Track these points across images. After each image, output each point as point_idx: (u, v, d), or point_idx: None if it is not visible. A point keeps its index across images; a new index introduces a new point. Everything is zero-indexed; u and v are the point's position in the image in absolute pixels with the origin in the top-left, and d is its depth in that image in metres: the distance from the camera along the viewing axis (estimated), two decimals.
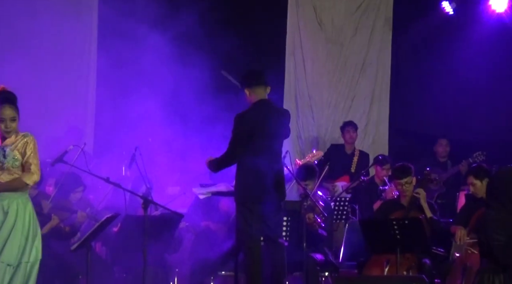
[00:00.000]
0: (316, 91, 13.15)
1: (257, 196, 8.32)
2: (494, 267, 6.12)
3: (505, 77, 12.74)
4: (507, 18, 12.41)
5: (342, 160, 12.17)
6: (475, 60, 12.65)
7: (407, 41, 13.36)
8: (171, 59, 10.71)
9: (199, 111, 10.48)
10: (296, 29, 13.07)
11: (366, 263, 9.20)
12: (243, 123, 8.40)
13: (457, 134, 12.82)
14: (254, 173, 8.31)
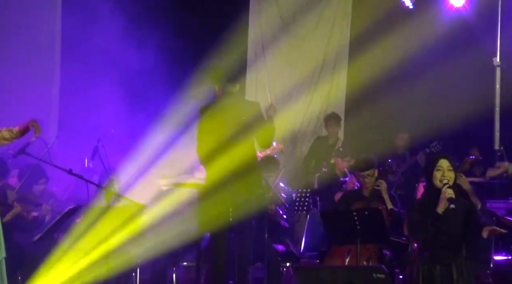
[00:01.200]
0: (277, 84, 13.12)
1: (224, 187, 8.29)
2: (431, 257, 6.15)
3: (461, 70, 12.78)
4: (464, 12, 12.44)
5: (324, 151, 12.15)
6: (433, 53, 12.69)
7: (366, 34, 13.35)
8: (135, 51, 10.63)
9: (161, 103, 10.40)
10: (258, 22, 13.04)
11: (327, 254, 9.18)
12: (205, 114, 8.40)
13: (415, 126, 12.85)
14: (218, 164, 8.28)
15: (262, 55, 13.09)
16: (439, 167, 6.27)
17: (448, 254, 6.16)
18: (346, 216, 8.79)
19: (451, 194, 6.15)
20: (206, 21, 11.47)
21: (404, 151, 12.36)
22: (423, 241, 6.11)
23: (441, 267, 6.13)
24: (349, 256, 8.84)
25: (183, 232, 9.34)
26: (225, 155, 8.31)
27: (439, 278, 6.12)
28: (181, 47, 10.70)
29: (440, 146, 11.55)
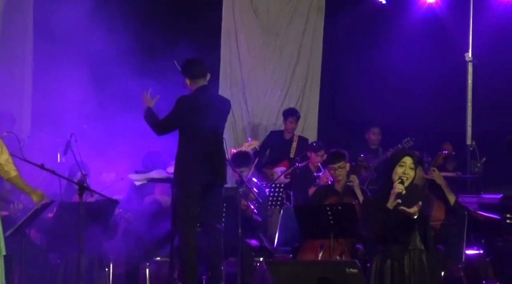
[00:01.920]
0: (251, 79, 13.10)
1: (197, 182, 8.28)
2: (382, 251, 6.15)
3: (434, 66, 12.80)
4: (437, 8, 12.45)
5: (281, 146, 12.10)
6: (406, 48, 12.72)
7: (339, 29, 13.36)
8: (107, 46, 10.53)
9: (134, 98, 10.30)
10: (231, 17, 12.99)
11: (300, 248, 9.16)
12: (184, 105, 8.39)
13: (388, 121, 12.86)
14: (194, 159, 8.28)
15: (236, 50, 13.03)
16: (402, 163, 6.26)
17: (400, 248, 6.15)
18: (319, 210, 8.78)
19: (400, 189, 6.15)
20: (178, 12, 11.34)
21: (377, 146, 12.35)
22: (375, 235, 6.10)
23: (392, 261, 6.13)
24: (322, 250, 8.82)
25: (156, 228, 9.33)
26: (198, 148, 8.29)
27: (390, 273, 6.11)
28: (153, 37, 10.57)
29: (413, 142, 11.55)
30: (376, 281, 6.12)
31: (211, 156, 8.35)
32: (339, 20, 13.28)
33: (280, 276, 7.44)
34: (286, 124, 12.23)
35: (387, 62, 12.83)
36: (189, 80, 8.51)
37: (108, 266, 9.18)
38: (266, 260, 8.62)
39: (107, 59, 10.69)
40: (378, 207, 6.14)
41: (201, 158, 8.29)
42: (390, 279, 6.11)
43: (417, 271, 6.19)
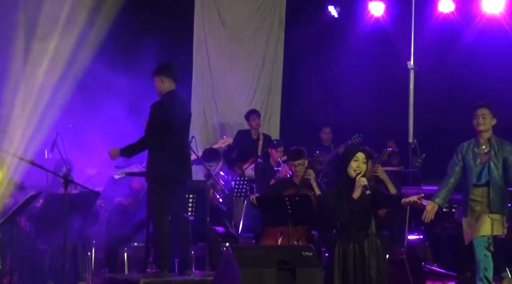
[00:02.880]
0: (220, 83, 13.05)
1: (167, 176, 8.24)
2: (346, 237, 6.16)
3: (380, 72, 12.86)
4: (383, 22, 12.50)
5: (249, 144, 12.07)
6: (356, 57, 12.76)
7: (298, 39, 13.38)
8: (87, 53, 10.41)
9: (112, 102, 10.23)
10: (202, 28, 12.94)
11: (262, 235, 9.16)
12: (159, 111, 8.31)
13: (339, 121, 12.90)
14: (165, 156, 8.23)
15: (206, 57, 12.98)
16: (356, 158, 6.28)
17: (361, 234, 6.19)
18: (279, 201, 8.78)
19: (365, 181, 6.18)
20: (154, 28, 11.24)
21: (329, 143, 12.39)
22: (340, 223, 6.11)
23: (354, 245, 6.15)
24: (281, 236, 8.82)
25: (133, 216, 9.29)
26: (170, 146, 8.26)
27: (352, 255, 6.14)
28: (132, 52, 10.46)
29: (360, 138, 11.58)
30: (340, 263, 6.12)
31: (179, 153, 8.32)
32: (298, 32, 13.29)
33: (243, 259, 7.40)
34: (250, 123, 12.17)
35: (339, 69, 12.87)
36: (163, 78, 8.39)
37: (90, 251, 9.12)
38: (231, 245, 8.62)
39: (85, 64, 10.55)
40: (339, 198, 6.15)
41: (170, 155, 8.24)
42: (352, 261, 6.11)
43: (375, 253, 6.21)
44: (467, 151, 8.11)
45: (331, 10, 12.63)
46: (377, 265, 6.20)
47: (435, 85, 11.82)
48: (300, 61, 13.47)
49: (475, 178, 8.02)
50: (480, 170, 8.04)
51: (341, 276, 6.09)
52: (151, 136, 8.30)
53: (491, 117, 8.16)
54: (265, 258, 7.48)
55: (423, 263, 9.09)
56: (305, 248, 7.73)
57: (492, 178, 8.00)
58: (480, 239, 8.04)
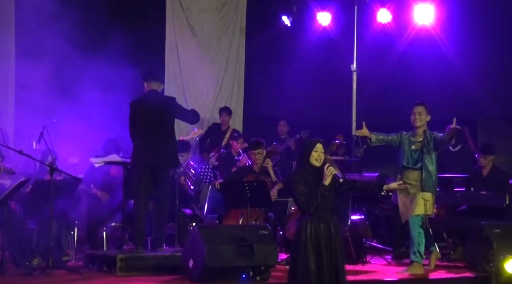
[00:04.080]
0: (190, 83, 12.94)
1: (147, 164, 8.13)
2: (317, 218, 6.11)
3: (328, 74, 12.85)
4: (330, 30, 12.46)
5: (217, 136, 11.96)
6: (306, 61, 12.72)
7: (257, 44, 13.33)
8: (72, 54, 10.21)
9: (94, 100, 10.04)
10: (173, 34, 12.83)
11: (224, 216, 9.11)
12: (133, 107, 8.23)
13: (292, 116, 12.87)
14: (145, 147, 8.13)
15: (177, 60, 12.87)
16: (316, 149, 6.22)
17: (329, 214, 6.15)
18: (239, 186, 8.73)
19: (334, 171, 6.15)
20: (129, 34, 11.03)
21: (285, 135, 12.33)
22: (313, 207, 6.07)
23: (323, 225, 6.11)
24: (242, 217, 8.75)
25: (111, 200, 9.16)
26: (151, 138, 8.14)
27: (323, 234, 6.10)
28: (111, 56, 10.25)
29: (308, 133, 11.54)
30: (313, 241, 6.06)
31: (158, 144, 8.19)
32: (257, 38, 13.25)
33: (208, 237, 7.34)
34: (221, 118, 12.14)
35: (292, 71, 12.81)
36: (146, 83, 8.36)
37: (73, 230, 8.98)
38: (198, 225, 8.52)
39: (67, 63, 10.33)
40: (308, 184, 6.10)
41: (148, 146, 8.13)
42: (323, 239, 6.08)
43: (338, 230, 6.22)
44: (405, 137, 8.27)
45: (284, 20, 12.57)
46: (340, 239, 6.19)
47: (374, 85, 11.81)
48: (259, 63, 13.42)
49: (409, 161, 8.17)
50: (415, 156, 8.12)
51: (315, 252, 6.04)
52: (132, 129, 8.25)
53: (426, 114, 8.28)
54: (227, 236, 7.45)
55: (364, 240, 9.07)
56: (262, 228, 7.70)
57: (424, 162, 8.15)
58: (415, 218, 8.10)
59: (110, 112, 9.61)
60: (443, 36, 11.86)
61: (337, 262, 6.12)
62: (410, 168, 8.20)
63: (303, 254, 6.08)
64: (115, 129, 8.39)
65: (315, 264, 6.06)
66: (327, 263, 6.08)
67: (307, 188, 6.11)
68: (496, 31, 11.78)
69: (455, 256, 9.30)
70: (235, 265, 7.32)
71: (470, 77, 11.81)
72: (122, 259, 7.69)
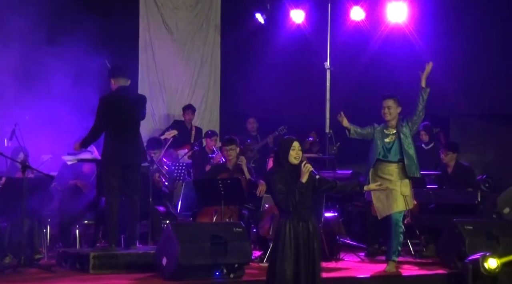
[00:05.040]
0: (166, 80, 12.90)
1: (118, 162, 8.08)
2: (296, 216, 6.12)
3: (301, 71, 12.88)
4: (303, 28, 12.49)
5: (184, 133, 11.90)
6: (280, 58, 12.74)
7: (232, 42, 13.32)
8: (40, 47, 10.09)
9: (67, 94, 9.94)
10: (147, 31, 12.79)
11: (198, 213, 9.06)
12: (105, 103, 8.12)
13: (267, 113, 12.87)
14: (116, 144, 8.06)
15: (152, 57, 12.82)
16: (293, 147, 6.21)
17: (307, 212, 6.16)
18: (213, 183, 8.70)
19: (311, 168, 6.16)
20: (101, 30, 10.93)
21: (255, 133, 12.35)
22: (292, 205, 6.07)
23: (302, 223, 6.12)
24: (216, 215, 8.73)
25: (84, 197, 9.09)
26: (124, 135, 8.09)
27: (302, 232, 6.11)
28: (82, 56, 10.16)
29: (286, 129, 11.54)
30: (292, 240, 6.07)
31: (129, 141, 8.13)
32: (232, 35, 13.24)
33: (182, 235, 7.32)
34: (185, 116, 12.11)
35: (267, 68, 12.82)
36: (113, 80, 8.25)
37: (45, 228, 8.86)
38: (171, 223, 8.51)
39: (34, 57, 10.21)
40: (286, 182, 6.10)
41: (120, 143, 8.07)
42: (302, 237, 6.08)
43: (316, 228, 6.24)
44: (378, 130, 8.15)
45: (258, 17, 12.59)
46: (317, 237, 6.20)
47: (348, 83, 11.85)
48: (235, 60, 13.42)
49: (383, 154, 8.06)
50: (390, 148, 8.05)
51: (293, 251, 6.05)
52: (98, 126, 8.13)
53: (395, 106, 8.15)
54: (200, 233, 7.43)
55: (337, 237, 9.09)
56: (236, 225, 7.69)
57: (404, 149, 8.03)
58: (398, 215, 8.03)
59: (81, 109, 9.47)
60: (416, 34, 11.94)
61: (314, 262, 6.13)
62: (384, 161, 8.08)
63: (281, 255, 6.08)
64: (89, 125, 8.30)
65: (292, 267, 6.05)
66: (304, 263, 6.07)
67: (285, 187, 6.11)
68: (468, 29, 11.89)
69: (427, 253, 9.36)
70: (208, 263, 7.30)
71: (443, 75, 11.87)
72: (95, 257, 7.64)
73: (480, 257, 7.67)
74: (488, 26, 11.73)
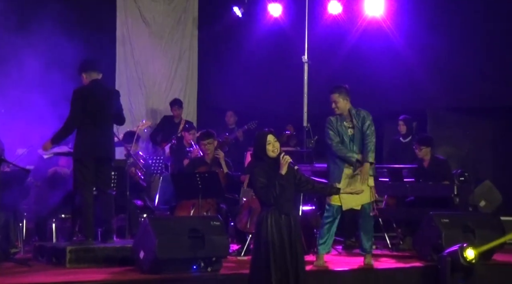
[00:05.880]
0: (144, 74, 12.86)
1: (91, 156, 8.03)
2: (278, 209, 6.13)
3: (279, 65, 12.87)
4: (281, 22, 12.50)
5: (171, 128, 11.90)
6: (258, 52, 12.74)
7: (210, 35, 13.30)
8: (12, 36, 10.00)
9: (40, 84, 9.86)
10: (125, 25, 12.74)
11: (176, 207, 9.06)
12: (79, 96, 8.07)
13: (245, 107, 12.87)
14: (89, 137, 8.01)
15: (130, 50, 12.77)
16: (268, 141, 6.21)
17: (289, 205, 6.18)
18: (191, 177, 8.71)
19: (289, 159, 6.16)
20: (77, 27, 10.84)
21: (233, 126, 12.35)
22: (273, 198, 6.06)
23: (284, 216, 6.12)
24: (193, 208, 8.73)
25: (60, 191, 9.04)
26: (98, 129, 8.05)
27: (284, 226, 6.11)
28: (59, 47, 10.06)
29: (256, 124, 11.55)
30: (275, 233, 6.07)
31: (102, 134, 8.10)
32: (210, 28, 13.22)
33: (159, 229, 7.30)
34: (172, 111, 12.08)
35: (244, 62, 12.83)
36: (84, 74, 8.20)
37: (21, 222, 8.83)
38: (149, 217, 8.49)
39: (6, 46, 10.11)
40: (267, 175, 6.10)
41: (92, 136, 8.04)
42: (285, 230, 6.08)
43: (298, 222, 6.25)
44: (339, 125, 8.05)
45: (236, 11, 12.57)
46: (299, 231, 6.22)
47: (325, 77, 11.86)
48: (212, 54, 13.40)
49: (350, 148, 7.98)
50: (350, 142, 8.03)
51: (277, 245, 6.05)
52: (72, 119, 8.07)
53: (342, 98, 8.05)
54: (178, 227, 7.42)
55: (315, 230, 9.12)
56: (213, 219, 7.69)
57: (360, 146, 7.97)
58: (367, 206, 8.07)
59: (55, 98, 9.39)
60: (393, 28, 11.99)
61: (297, 255, 6.15)
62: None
63: (265, 248, 6.07)
64: (64, 118, 8.23)
65: (278, 263, 6.04)
66: (289, 256, 6.08)
67: (266, 180, 6.11)
68: (445, 23, 11.95)
69: (404, 246, 9.43)
70: (186, 257, 7.29)
71: (420, 69, 11.96)
72: (72, 251, 7.60)
73: (459, 248, 7.74)
74: (465, 20, 11.80)
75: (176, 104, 12.06)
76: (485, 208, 10.50)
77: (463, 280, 7.80)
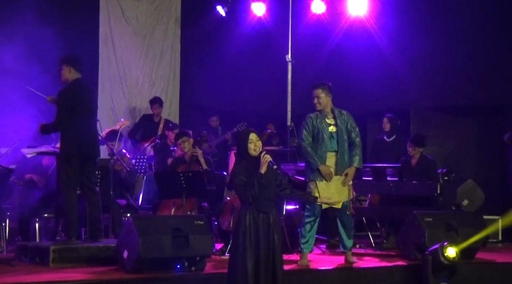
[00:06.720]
0: (126, 73, 12.81)
1: (77, 154, 8.04)
2: (256, 207, 6.16)
3: (263, 65, 12.90)
4: (264, 21, 12.53)
5: (151, 127, 11.90)
6: (242, 51, 12.75)
7: (193, 34, 13.29)
8: None
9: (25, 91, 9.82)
10: (107, 23, 12.69)
11: (159, 206, 9.06)
12: (66, 97, 8.10)
13: (228, 106, 12.88)
14: (74, 137, 8.02)
15: (113, 49, 12.73)
16: (250, 140, 6.23)
17: (269, 204, 6.20)
18: (174, 176, 8.72)
19: (269, 158, 6.18)
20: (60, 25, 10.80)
21: (217, 127, 12.36)
22: (252, 196, 6.09)
23: (263, 215, 6.15)
24: (174, 207, 8.78)
25: (43, 190, 9.01)
26: (84, 128, 8.07)
27: (262, 224, 6.14)
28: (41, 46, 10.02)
29: (245, 126, 11.57)
30: (252, 231, 6.09)
31: (86, 134, 8.12)
32: (192, 27, 13.20)
33: (143, 228, 7.30)
34: (153, 109, 12.06)
35: (228, 61, 12.83)
36: (70, 68, 8.17)
37: (4, 221, 8.81)
38: (132, 216, 8.49)
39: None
40: (247, 173, 6.13)
41: (78, 136, 8.04)
42: (262, 228, 6.11)
43: (277, 221, 6.27)
44: (319, 122, 8.06)
45: (219, 10, 12.57)
46: (278, 229, 6.23)
47: (309, 76, 11.91)
48: (195, 53, 13.39)
49: (329, 145, 8.02)
50: (330, 138, 8.07)
51: (253, 243, 6.08)
52: (59, 119, 8.10)
53: (325, 95, 8.08)
54: (161, 226, 7.42)
55: (299, 229, 9.15)
56: (197, 218, 7.70)
57: (341, 145, 8.03)
58: (346, 204, 8.12)
59: (37, 102, 9.38)
60: (376, 27, 12.06)
61: (275, 253, 6.16)
62: (330, 152, 8.06)
63: (242, 247, 6.11)
64: (50, 118, 8.23)
65: (253, 258, 6.07)
66: (264, 255, 6.10)
67: (247, 178, 6.14)
68: (428, 22, 12.03)
69: (387, 245, 9.48)
70: (170, 256, 7.30)
71: (403, 68, 12.04)
72: (55, 251, 7.59)
73: (439, 247, 7.80)
74: (448, 19, 11.89)
75: (157, 102, 12.04)
76: (468, 207, 10.58)
77: (446, 278, 7.86)
